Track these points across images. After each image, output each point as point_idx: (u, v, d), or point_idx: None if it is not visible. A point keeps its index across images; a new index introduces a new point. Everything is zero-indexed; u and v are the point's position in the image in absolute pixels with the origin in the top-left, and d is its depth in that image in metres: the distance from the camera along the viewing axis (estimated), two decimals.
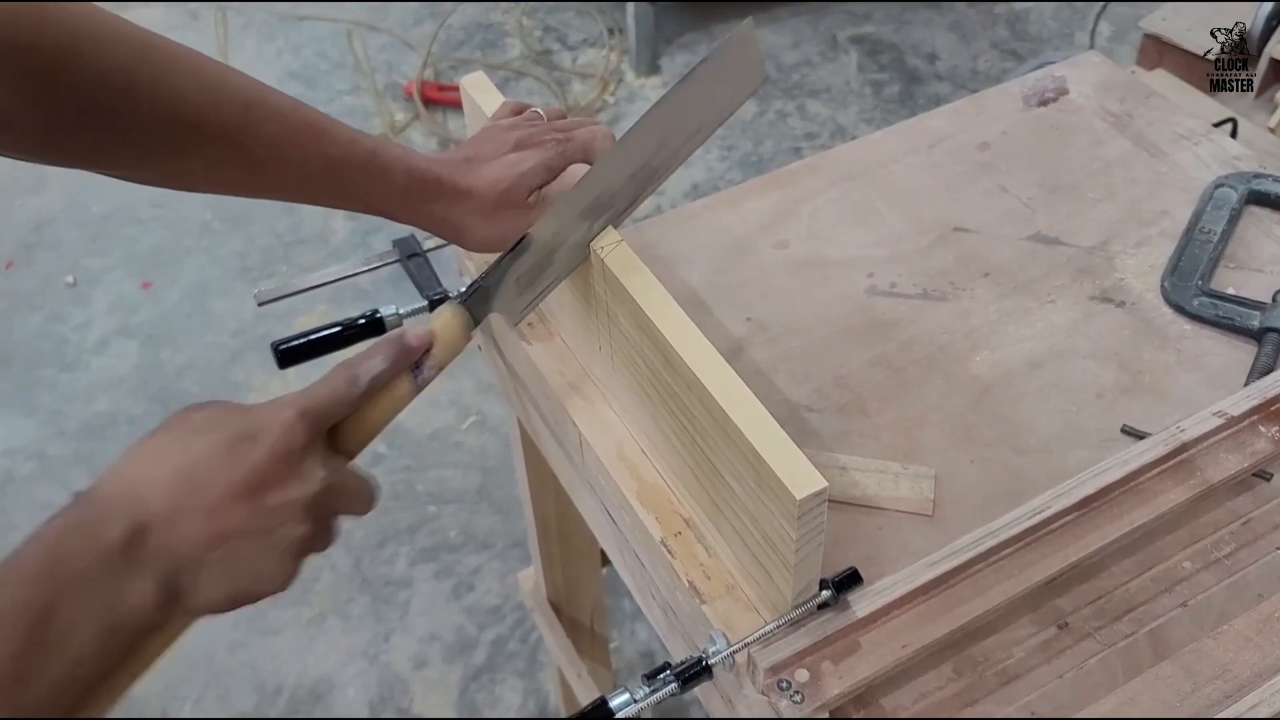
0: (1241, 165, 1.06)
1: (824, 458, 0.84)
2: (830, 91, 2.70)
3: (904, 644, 0.72)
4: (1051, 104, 1.15)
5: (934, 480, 0.83)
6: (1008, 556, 0.76)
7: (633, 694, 0.70)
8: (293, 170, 0.73)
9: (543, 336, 0.93)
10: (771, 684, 0.69)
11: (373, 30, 2.89)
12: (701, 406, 0.68)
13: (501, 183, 0.78)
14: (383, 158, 0.75)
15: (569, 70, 2.78)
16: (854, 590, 0.72)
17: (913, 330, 0.95)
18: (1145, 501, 0.79)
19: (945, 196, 1.06)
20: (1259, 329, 0.92)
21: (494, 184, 0.78)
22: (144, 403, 2.15)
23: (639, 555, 0.84)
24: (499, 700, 1.75)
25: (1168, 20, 1.43)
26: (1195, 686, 0.74)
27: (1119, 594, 0.78)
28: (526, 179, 0.79)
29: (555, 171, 0.81)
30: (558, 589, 1.43)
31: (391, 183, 0.76)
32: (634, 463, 0.83)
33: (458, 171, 0.78)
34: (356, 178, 0.75)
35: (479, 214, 0.79)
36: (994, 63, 2.75)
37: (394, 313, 0.97)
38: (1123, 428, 0.87)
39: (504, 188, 0.78)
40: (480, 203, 0.78)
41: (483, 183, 0.78)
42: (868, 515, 0.82)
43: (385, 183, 0.76)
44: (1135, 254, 1.00)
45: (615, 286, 0.74)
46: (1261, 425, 0.83)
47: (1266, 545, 0.81)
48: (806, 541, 0.65)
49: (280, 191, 0.75)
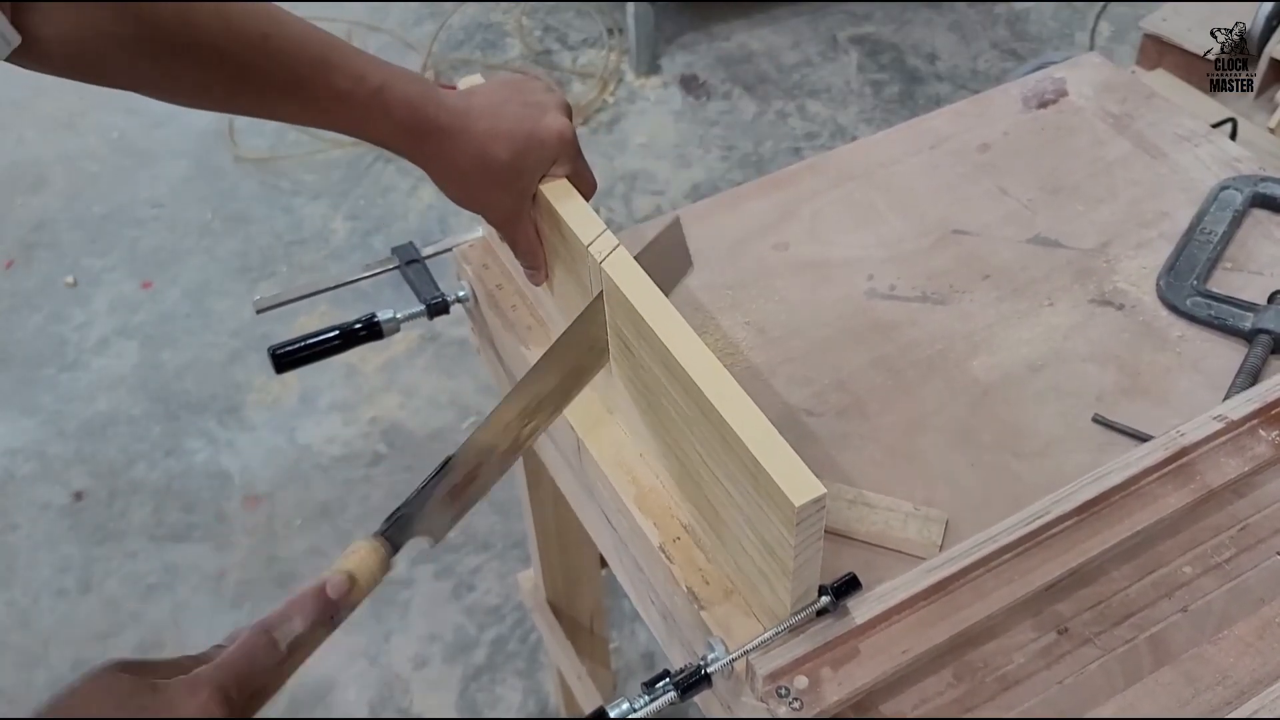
0: (1242, 167, 1.06)
1: (835, 488, 0.83)
2: (830, 91, 2.70)
3: (903, 650, 0.71)
4: (1051, 105, 1.15)
5: (944, 525, 0.81)
6: (1007, 561, 0.76)
7: (632, 704, 0.69)
8: (301, 101, 0.75)
9: (541, 340, 0.92)
10: (770, 691, 0.69)
11: (373, 30, 2.88)
12: (699, 412, 0.68)
13: (493, 162, 0.79)
14: (387, 97, 0.76)
15: (569, 70, 2.78)
16: (853, 596, 0.72)
17: (913, 332, 0.95)
18: (1145, 506, 0.79)
19: (945, 198, 1.06)
20: (1250, 330, 0.92)
21: (488, 159, 0.79)
22: (144, 403, 2.15)
23: (637, 560, 0.83)
24: (499, 700, 1.75)
25: (1168, 20, 1.43)
26: (1196, 692, 0.74)
27: (1119, 599, 0.78)
28: (524, 176, 0.80)
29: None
30: (557, 590, 1.43)
31: (394, 120, 0.77)
32: (632, 468, 0.82)
33: (460, 124, 0.78)
34: (359, 113, 0.76)
35: (458, 181, 0.80)
36: (994, 63, 2.75)
37: (391, 317, 0.97)
38: (1094, 417, 0.87)
39: (495, 167, 0.79)
40: (464, 170, 0.79)
41: (481, 152, 0.79)
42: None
43: (388, 120, 0.77)
44: (1135, 256, 1.00)
45: (613, 291, 0.74)
46: (1261, 429, 0.82)
47: (1267, 550, 0.80)
48: (805, 547, 0.65)
49: (290, 118, 0.77)
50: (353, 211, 2.48)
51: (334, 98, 0.75)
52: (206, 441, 2.08)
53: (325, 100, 0.75)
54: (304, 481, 2.01)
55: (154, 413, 2.13)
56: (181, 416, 2.13)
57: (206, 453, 2.07)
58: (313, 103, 0.75)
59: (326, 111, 0.76)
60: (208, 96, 0.74)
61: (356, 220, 2.46)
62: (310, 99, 0.75)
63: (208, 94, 0.74)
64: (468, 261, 1.00)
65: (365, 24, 2.89)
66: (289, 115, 0.77)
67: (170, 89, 0.73)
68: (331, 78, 0.74)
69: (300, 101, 0.75)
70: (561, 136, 0.80)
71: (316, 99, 0.75)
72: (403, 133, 0.78)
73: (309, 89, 0.74)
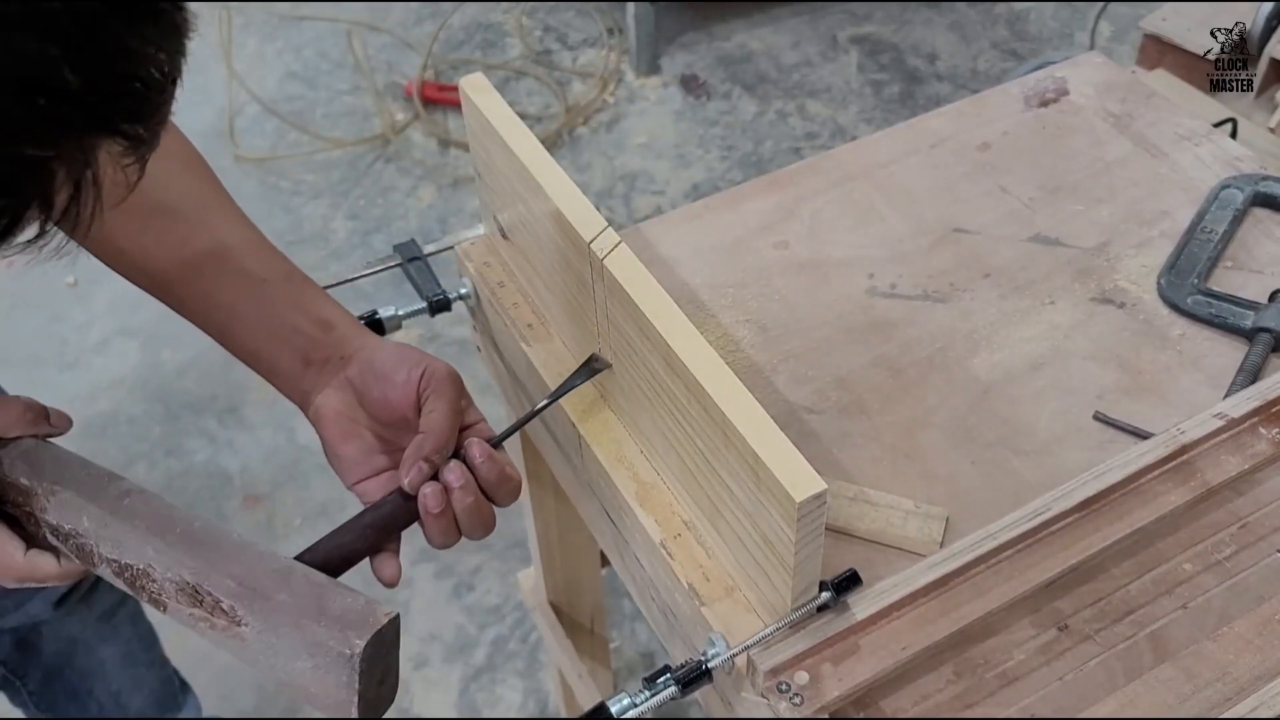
0: (1243, 166, 1.06)
1: (836, 486, 0.83)
2: (830, 91, 2.70)
3: (904, 646, 0.72)
4: (1052, 104, 1.15)
5: (944, 522, 0.81)
6: (1007, 558, 0.76)
7: (633, 698, 0.70)
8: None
9: (541, 338, 0.93)
10: (771, 686, 0.69)
11: (373, 30, 2.88)
12: (700, 408, 0.68)
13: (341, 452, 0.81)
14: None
15: (569, 70, 2.78)
16: (853, 592, 0.72)
17: (913, 331, 0.95)
18: (1145, 503, 0.79)
19: (946, 197, 1.06)
20: (1251, 328, 0.92)
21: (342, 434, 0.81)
22: (144, 403, 2.15)
23: (638, 557, 0.84)
24: (499, 700, 1.75)
25: (1168, 20, 1.43)
26: (1195, 689, 0.74)
27: (1119, 596, 0.78)
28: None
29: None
30: (558, 589, 1.43)
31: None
32: (633, 464, 0.83)
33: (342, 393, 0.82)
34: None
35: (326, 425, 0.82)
36: (994, 63, 2.75)
37: (394, 314, 0.97)
38: (1095, 415, 0.87)
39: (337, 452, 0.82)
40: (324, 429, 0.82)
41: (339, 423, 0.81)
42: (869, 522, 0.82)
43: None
44: (1136, 255, 1.00)
45: (614, 288, 0.74)
46: (1262, 427, 0.82)
47: (1267, 547, 0.80)
48: (806, 544, 0.65)
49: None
50: (353, 211, 2.48)
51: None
52: (206, 441, 2.09)
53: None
54: (304, 481, 2.01)
55: (154, 413, 2.13)
56: (182, 416, 2.13)
57: (206, 453, 2.07)
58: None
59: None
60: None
61: (356, 220, 2.46)
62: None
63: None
64: (469, 259, 1.00)
65: (365, 24, 2.89)
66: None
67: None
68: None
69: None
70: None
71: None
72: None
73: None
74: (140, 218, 0.81)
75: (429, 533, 0.77)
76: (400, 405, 0.78)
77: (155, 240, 0.82)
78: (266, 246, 0.84)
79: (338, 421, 0.80)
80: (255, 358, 0.84)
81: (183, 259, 0.82)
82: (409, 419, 0.78)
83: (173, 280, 0.83)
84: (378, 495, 0.79)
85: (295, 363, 0.82)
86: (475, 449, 0.77)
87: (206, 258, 0.82)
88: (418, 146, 2.61)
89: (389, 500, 0.77)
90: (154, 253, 0.82)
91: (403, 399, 0.78)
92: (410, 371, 0.78)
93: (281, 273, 0.83)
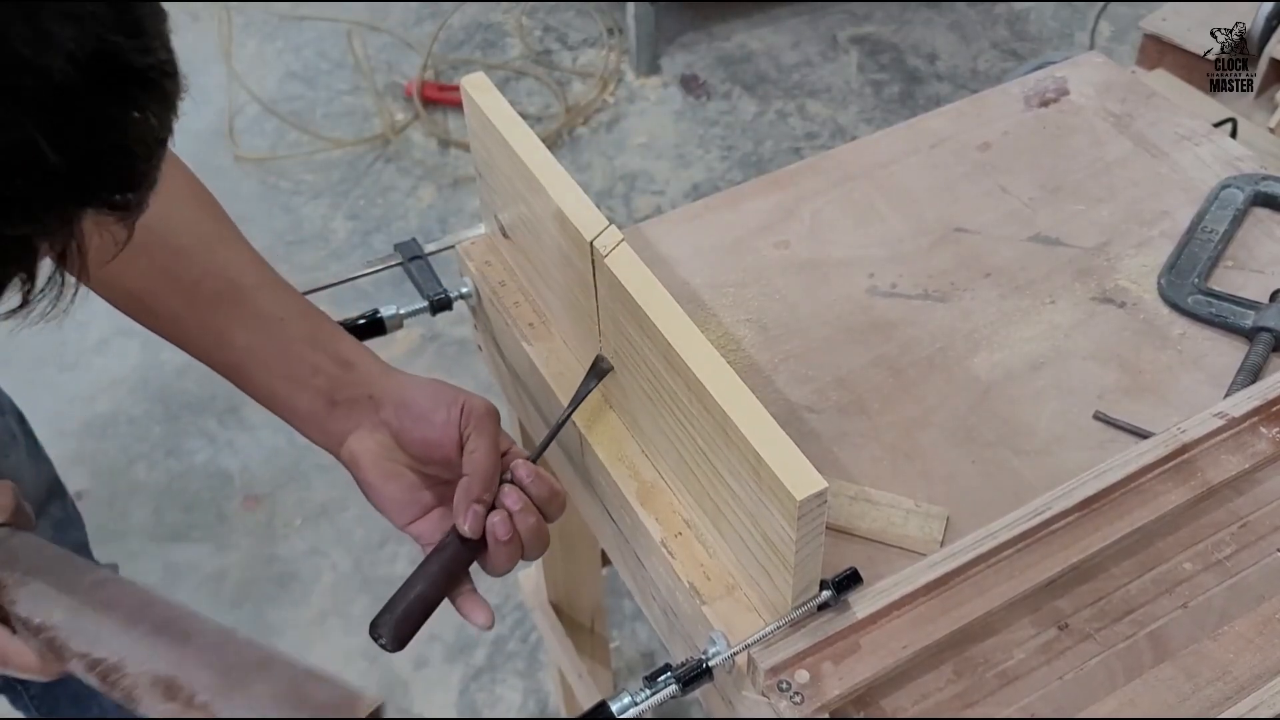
0: (1243, 166, 1.06)
1: (836, 485, 0.83)
2: (830, 91, 2.70)
3: (904, 645, 0.72)
4: (1052, 104, 1.15)
5: (945, 521, 0.81)
6: (1008, 558, 0.76)
7: (633, 697, 0.70)
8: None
9: (543, 336, 0.93)
10: (772, 685, 0.69)
11: (373, 30, 2.88)
12: (701, 407, 0.68)
13: (380, 491, 0.80)
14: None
15: (569, 70, 2.78)
16: (854, 591, 0.72)
17: (913, 331, 0.95)
18: (1146, 502, 0.79)
19: (946, 197, 1.06)
20: (1251, 328, 0.92)
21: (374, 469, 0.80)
22: (144, 403, 2.15)
23: (639, 556, 0.84)
24: (499, 700, 1.75)
25: (1168, 20, 1.43)
26: (1195, 688, 0.74)
27: (1119, 595, 0.78)
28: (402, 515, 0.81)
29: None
30: (558, 589, 1.43)
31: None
32: (634, 463, 0.83)
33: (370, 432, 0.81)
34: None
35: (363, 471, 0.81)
36: (994, 63, 2.75)
37: (394, 313, 0.97)
38: (1095, 414, 0.87)
39: (377, 491, 0.80)
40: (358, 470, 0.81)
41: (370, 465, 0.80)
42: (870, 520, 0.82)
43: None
44: (1136, 255, 1.00)
45: (615, 287, 0.74)
46: (1262, 426, 0.83)
47: (1267, 546, 0.81)
48: (806, 542, 0.65)
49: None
50: (353, 211, 2.48)
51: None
52: (206, 441, 2.09)
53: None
54: (304, 481, 2.01)
55: (154, 413, 2.13)
56: (182, 416, 2.13)
57: (206, 453, 2.07)
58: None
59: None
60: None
61: (356, 220, 2.46)
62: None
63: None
64: (470, 258, 1.00)
65: (365, 24, 2.89)
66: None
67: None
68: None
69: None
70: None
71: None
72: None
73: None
74: (149, 259, 0.78)
75: (495, 560, 0.78)
76: (443, 445, 0.78)
77: (165, 283, 0.80)
78: (280, 284, 0.83)
79: (377, 464, 0.79)
80: (272, 398, 0.82)
81: (194, 301, 0.80)
82: (452, 458, 0.78)
83: (185, 322, 0.81)
84: (430, 533, 0.80)
85: (318, 403, 0.80)
86: (521, 469, 0.78)
87: (219, 299, 0.80)
88: (418, 146, 2.61)
89: (449, 543, 0.78)
90: (164, 296, 0.80)
91: (445, 439, 0.78)
92: (449, 410, 0.78)
93: (296, 310, 0.82)
